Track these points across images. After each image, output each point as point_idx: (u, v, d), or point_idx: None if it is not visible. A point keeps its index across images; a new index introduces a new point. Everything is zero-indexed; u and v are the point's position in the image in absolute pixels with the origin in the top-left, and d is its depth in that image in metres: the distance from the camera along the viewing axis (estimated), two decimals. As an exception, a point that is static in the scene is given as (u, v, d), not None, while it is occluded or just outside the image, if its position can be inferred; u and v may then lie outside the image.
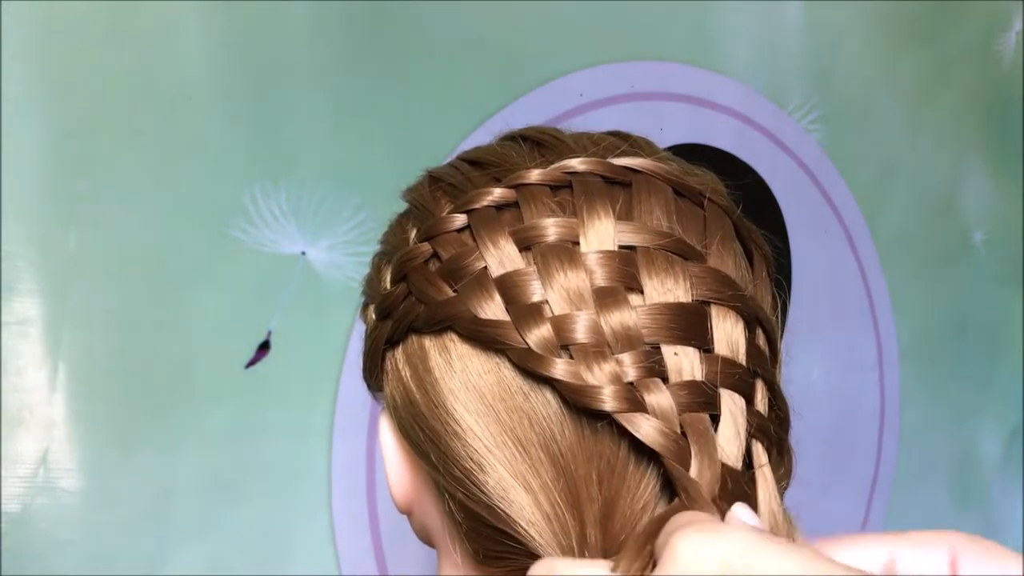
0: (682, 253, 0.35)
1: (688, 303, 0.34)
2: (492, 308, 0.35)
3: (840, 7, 1.18)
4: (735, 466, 0.33)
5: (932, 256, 1.31)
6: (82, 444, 0.74)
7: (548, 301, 0.34)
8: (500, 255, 0.36)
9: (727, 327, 0.35)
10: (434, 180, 0.41)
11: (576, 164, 0.37)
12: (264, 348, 0.82)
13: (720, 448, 0.33)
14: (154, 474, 0.77)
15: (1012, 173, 1.38)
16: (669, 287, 0.35)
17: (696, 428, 0.33)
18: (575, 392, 0.33)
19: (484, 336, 0.35)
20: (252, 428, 0.82)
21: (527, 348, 0.34)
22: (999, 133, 1.35)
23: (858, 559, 0.30)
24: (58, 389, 0.73)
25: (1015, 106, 1.36)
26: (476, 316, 0.35)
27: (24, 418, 0.73)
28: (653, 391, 0.33)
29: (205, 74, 0.78)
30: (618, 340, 0.34)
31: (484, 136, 0.52)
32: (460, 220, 0.37)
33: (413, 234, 0.40)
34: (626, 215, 0.36)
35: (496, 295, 0.35)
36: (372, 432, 0.88)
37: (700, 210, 0.38)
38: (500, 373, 0.35)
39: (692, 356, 0.34)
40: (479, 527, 0.37)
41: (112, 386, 0.76)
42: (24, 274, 0.72)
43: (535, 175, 0.37)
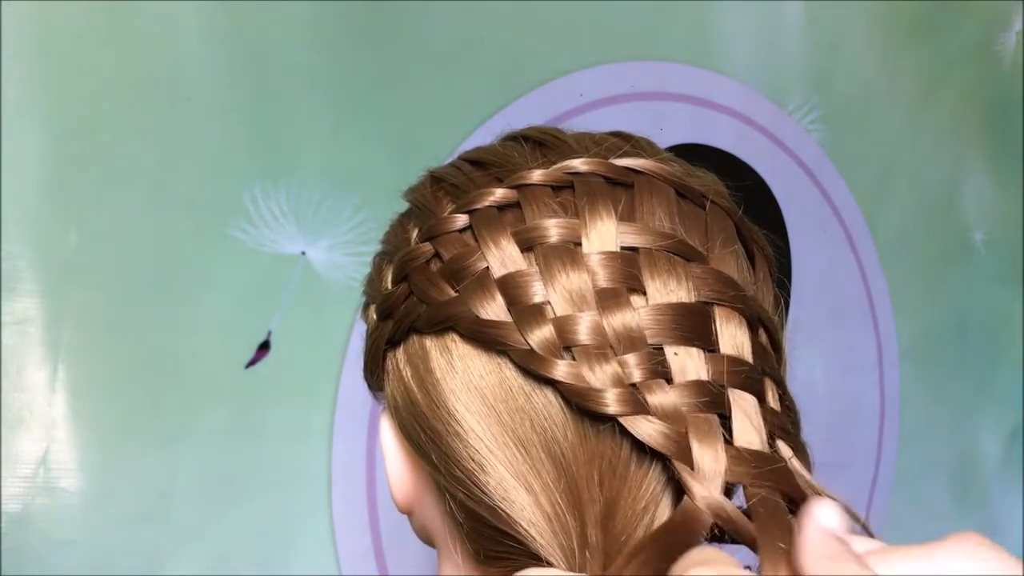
0: (684, 254, 0.35)
1: (691, 303, 0.34)
2: (494, 309, 0.35)
3: (840, 7, 1.18)
4: (756, 459, 0.32)
5: (932, 256, 1.31)
6: (82, 444, 0.74)
7: (550, 302, 0.34)
8: (502, 255, 0.35)
9: (731, 327, 0.35)
10: (436, 180, 0.41)
11: (578, 165, 0.37)
12: (264, 348, 0.82)
13: (740, 446, 0.33)
14: (154, 474, 0.77)
15: (1012, 173, 1.38)
16: (671, 288, 0.34)
17: (702, 429, 0.33)
18: (577, 394, 0.33)
19: (486, 337, 0.35)
20: (252, 428, 0.82)
21: (529, 349, 0.34)
22: (999, 133, 1.36)
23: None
24: (58, 389, 0.73)
25: (1015, 106, 1.36)
26: (478, 317, 0.35)
27: (24, 418, 0.73)
28: (656, 392, 0.33)
29: (205, 74, 0.78)
30: (621, 341, 0.33)
31: (485, 136, 0.52)
32: (462, 220, 0.37)
33: (415, 234, 0.40)
34: (628, 216, 0.36)
35: (498, 296, 0.35)
36: (372, 432, 0.88)
37: (702, 211, 0.38)
38: (501, 374, 0.35)
39: (696, 356, 0.34)
40: (480, 527, 0.37)
41: (112, 386, 0.76)
42: (24, 274, 0.72)
43: (537, 175, 0.37)
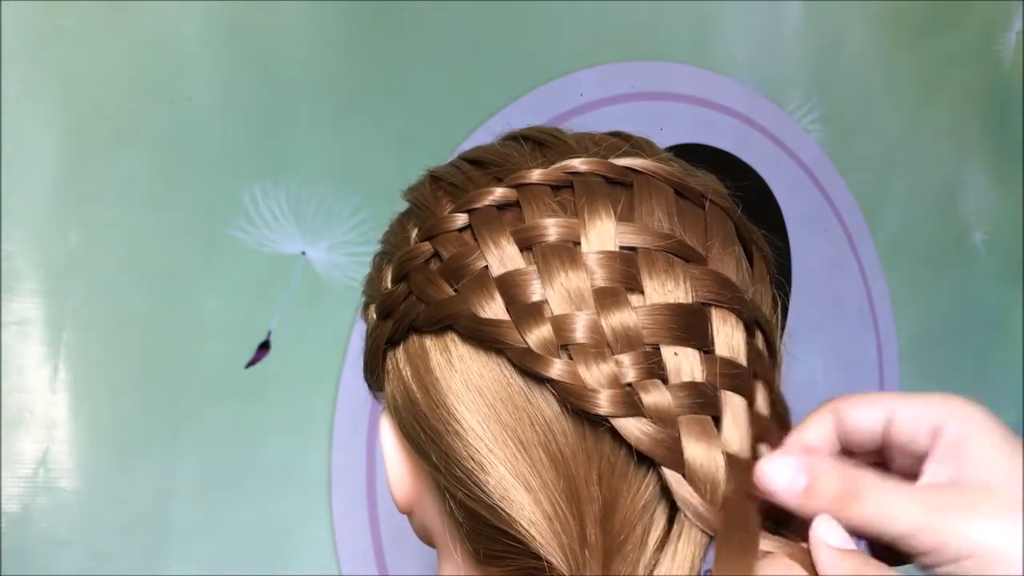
0: (683, 255, 0.35)
1: (689, 304, 0.34)
2: (493, 307, 0.35)
3: (840, 7, 1.18)
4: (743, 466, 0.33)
5: (932, 256, 1.31)
6: (82, 444, 0.74)
7: (548, 301, 0.34)
8: (501, 255, 0.35)
9: (727, 329, 0.35)
10: (435, 179, 0.41)
11: (578, 164, 0.37)
12: (264, 348, 0.82)
13: (725, 449, 0.33)
14: (154, 474, 0.77)
15: (1012, 173, 1.38)
16: (670, 288, 0.35)
17: (695, 430, 0.33)
18: (572, 393, 0.33)
19: (484, 336, 0.35)
20: (252, 428, 0.82)
21: (527, 348, 0.34)
22: (999, 133, 1.35)
23: (867, 417, 0.34)
24: (58, 389, 0.73)
25: (1015, 106, 1.36)
26: (477, 315, 0.35)
27: (24, 418, 0.73)
28: (652, 392, 0.33)
29: (205, 74, 0.78)
30: (618, 340, 0.33)
31: (485, 136, 0.52)
32: (461, 220, 0.37)
33: (414, 233, 0.40)
34: (627, 216, 0.36)
35: (497, 295, 0.35)
36: (372, 432, 0.88)
37: (701, 211, 0.38)
38: (501, 373, 0.35)
39: (692, 357, 0.34)
40: (480, 527, 0.37)
41: (112, 386, 0.76)
42: (24, 274, 0.72)
43: (536, 175, 0.37)
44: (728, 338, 0.35)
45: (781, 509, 0.33)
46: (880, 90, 1.23)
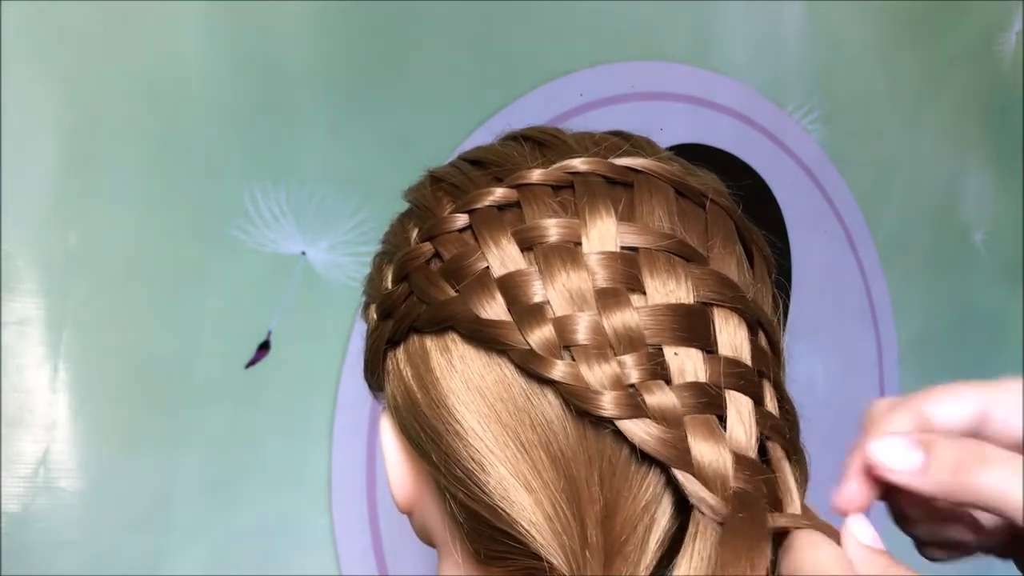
0: (684, 255, 0.35)
1: (691, 304, 0.34)
2: (494, 308, 0.35)
3: (840, 7, 1.18)
4: (751, 464, 0.33)
5: (932, 256, 1.31)
6: (82, 444, 0.74)
7: (550, 302, 0.34)
8: (502, 255, 0.35)
9: (730, 329, 0.35)
10: (435, 180, 0.41)
11: (578, 164, 0.37)
12: (264, 348, 0.82)
13: (733, 449, 0.33)
14: (154, 474, 0.77)
15: (1012, 173, 1.38)
16: (671, 288, 0.34)
17: (702, 430, 0.33)
18: (575, 395, 0.33)
19: (486, 336, 0.35)
20: (252, 428, 0.82)
21: (529, 349, 0.34)
22: (999, 133, 1.35)
23: (955, 413, 0.32)
24: (58, 389, 0.73)
25: (1015, 106, 1.36)
26: (478, 316, 0.35)
27: (24, 418, 0.73)
28: (655, 393, 0.33)
29: (205, 74, 0.78)
30: (620, 341, 0.33)
31: (484, 136, 0.52)
32: (462, 220, 0.37)
33: (415, 234, 0.40)
34: (628, 216, 0.36)
35: (498, 295, 0.35)
36: (372, 432, 0.88)
37: (702, 211, 0.38)
38: (501, 373, 0.35)
39: (695, 357, 0.34)
40: (480, 527, 0.37)
41: (112, 386, 0.76)
42: (24, 274, 0.72)
43: (537, 175, 0.37)
44: (731, 337, 0.35)
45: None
46: (880, 90, 1.23)
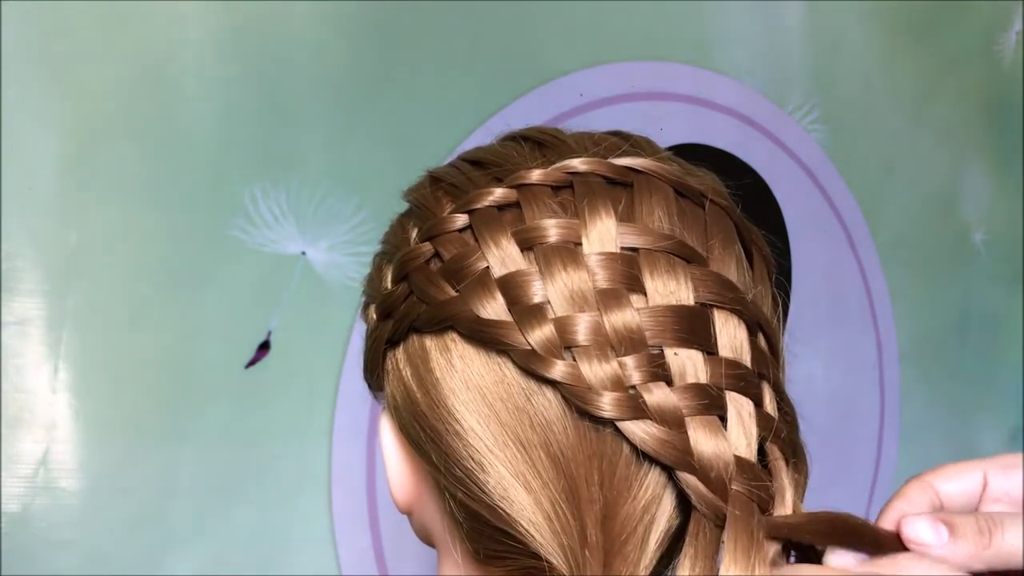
0: (684, 256, 0.35)
1: (691, 305, 0.34)
2: (494, 308, 0.35)
3: (840, 7, 1.18)
4: (751, 467, 0.33)
5: (932, 256, 1.31)
6: (82, 444, 0.74)
7: (550, 302, 0.34)
8: (502, 255, 0.35)
9: (730, 330, 0.35)
10: (435, 180, 0.41)
11: (577, 164, 0.37)
12: (264, 348, 0.82)
13: (733, 451, 0.33)
14: (154, 474, 0.77)
15: (1012, 173, 1.38)
16: (671, 289, 0.34)
17: (704, 430, 0.33)
18: (575, 395, 0.33)
19: (486, 336, 0.35)
20: (252, 428, 0.82)
21: (530, 349, 0.34)
22: (999, 133, 1.35)
23: (961, 488, 0.36)
24: (58, 389, 0.73)
25: (1015, 106, 1.36)
26: (478, 316, 0.35)
27: (24, 418, 0.73)
28: (656, 394, 0.33)
29: (205, 74, 0.78)
30: (621, 342, 0.33)
31: (484, 136, 0.52)
32: (461, 220, 0.37)
33: (414, 234, 0.40)
34: (628, 216, 0.36)
35: (498, 295, 0.35)
36: (372, 432, 0.88)
37: (701, 211, 0.38)
38: (501, 373, 0.35)
39: (696, 358, 0.34)
40: (480, 527, 0.37)
41: (112, 386, 0.76)
42: (24, 274, 0.72)
43: (536, 175, 0.37)
44: (731, 339, 0.35)
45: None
46: (880, 90, 1.23)
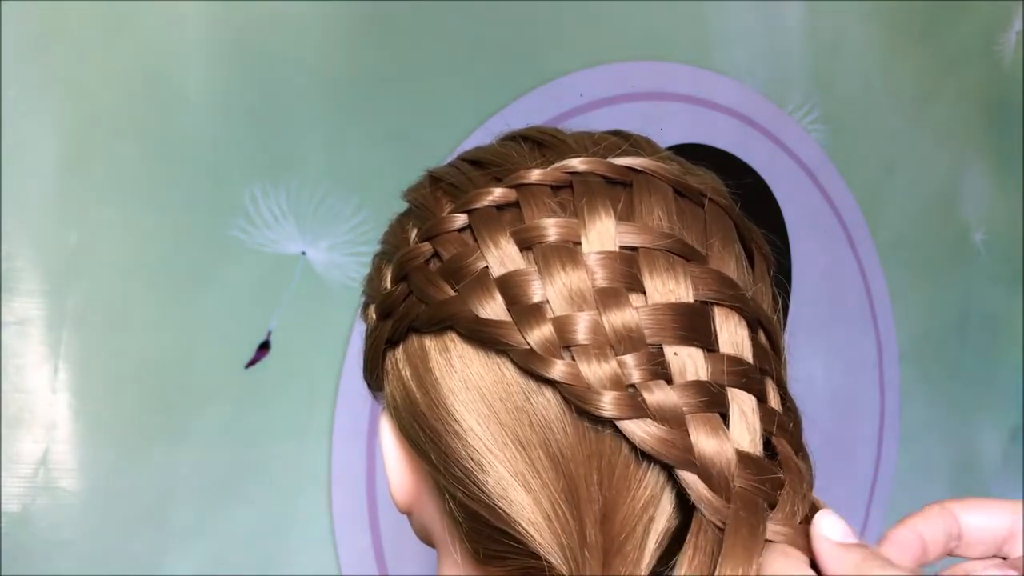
0: (683, 254, 0.35)
1: (691, 303, 0.34)
2: (493, 308, 0.35)
3: (840, 7, 1.18)
4: (756, 462, 0.33)
5: (932, 256, 1.31)
6: (82, 444, 0.74)
7: (549, 301, 0.34)
8: (501, 255, 0.35)
9: (730, 327, 0.35)
10: (435, 180, 0.41)
11: (577, 164, 0.37)
12: (264, 348, 0.82)
13: (737, 447, 0.33)
14: (154, 474, 0.77)
15: (1012, 173, 1.38)
16: (671, 288, 0.34)
17: (705, 428, 0.33)
18: (575, 395, 0.33)
19: (485, 336, 0.35)
20: (252, 428, 0.82)
21: (529, 349, 0.34)
22: (999, 133, 1.35)
23: (986, 524, 0.33)
24: (58, 389, 0.73)
25: (1015, 106, 1.36)
26: (477, 316, 0.35)
27: (24, 418, 0.73)
28: (656, 393, 0.33)
29: (205, 74, 0.78)
30: (620, 341, 0.33)
31: (484, 136, 0.52)
32: (461, 220, 0.37)
33: (414, 234, 0.40)
34: (627, 215, 0.36)
35: (497, 295, 0.35)
36: (372, 432, 0.88)
37: (701, 210, 0.38)
38: (501, 373, 0.35)
39: (696, 356, 0.34)
40: (479, 527, 0.37)
41: (112, 386, 0.76)
42: (24, 274, 0.72)
43: (536, 175, 0.37)
44: (732, 336, 0.35)
45: None
46: (880, 90, 1.23)
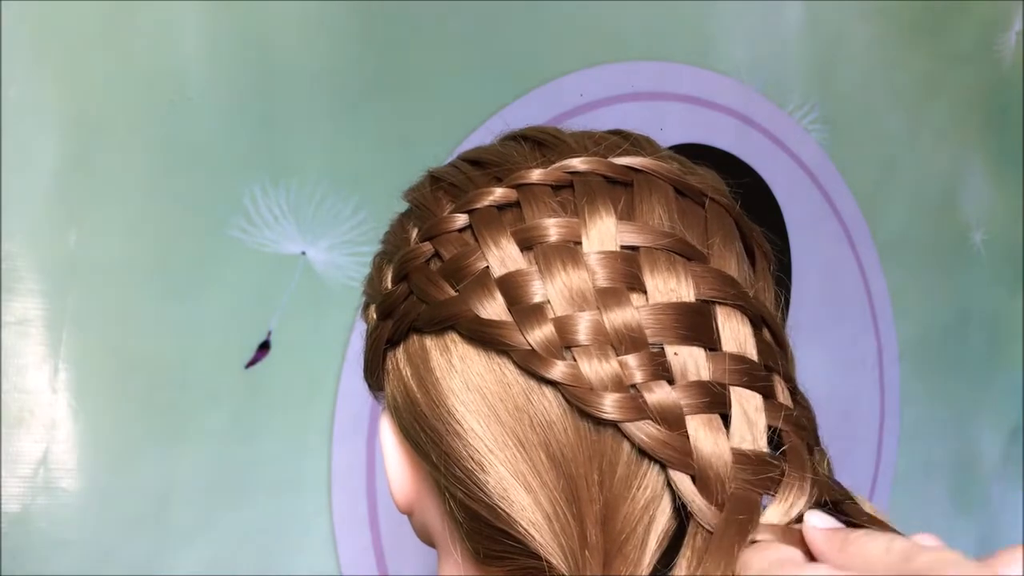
0: (684, 253, 0.35)
1: (692, 303, 0.34)
2: (494, 308, 0.35)
3: (840, 7, 1.18)
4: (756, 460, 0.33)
5: (932, 256, 1.31)
6: (82, 444, 0.74)
7: (550, 301, 0.34)
8: (502, 255, 0.35)
9: (733, 326, 0.35)
10: (435, 180, 0.41)
11: (577, 164, 0.37)
12: (264, 348, 0.82)
13: (734, 446, 0.33)
14: (154, 474, 0.77)
15: (1012, 173, 1.38)
16: (672, 287, 0.34)
17: (703, 430, 0.33)
18: (576, 396, 0.33)
19: (486, 336, 0.35)
20: (252, 428, 0.82)
21: (530, 349, 0.34)
22: (999, 133, 1.35)
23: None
24: (58, 389, 0.73)
25: (1015, 106, 1.36)
26: (478, 316, 0.35)
27: (24, 418, 0.73)
28: (657, 393, 0.33)
29: (205, 74, 0.78)
30: (622, 341, 0.33)
31: (484, 136, 0.52)
32: (461, 220, 0.37)
33: (414, 234, 0.40)
34: (628, 215, 0.36)
35: (498, 295, 0.35)
36: (372, 432, 0.88)
37: (701, 209, 0.38)
38: (501, 373, 0.35)
39: (698, 356, 0.34)
40: (480, 527, 0.37)
41: (112, 386, 0.76)
42: (24, 274, 0.72)
43: (536, 175, 0.37)
44: (734, 334, 0.35)
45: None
46: (880, 90, 1.23)
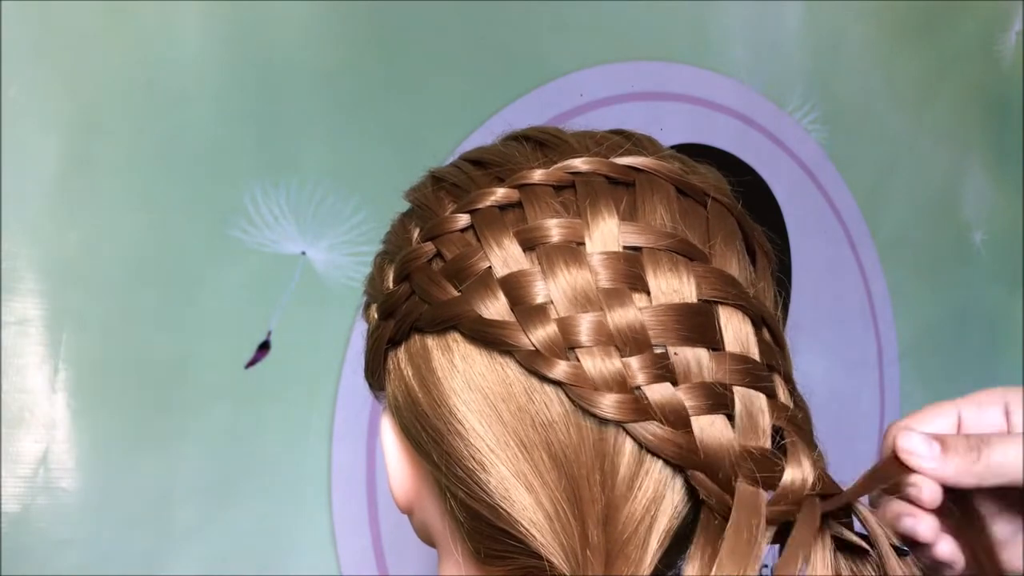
0: (687, 253, 0.35)
1: (695, 303, 0.34)
2: (497, 308, 0.35)
3: (840, 7, 1.18)
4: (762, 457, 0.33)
5: (932, 256, 1.31)
6: (82, 444, 0.74)
7: (553, 302, 0.34)
8: (504, 255, 0.35)
9: (735, 326, 0.35)
10: (437, 180, 0.41)
11: (579, 164, 0.37)
12: (264, 348, 0.82)
13: (740, 446, 0.33)
14: (154, 474, 0.77)
15: (1012, 173, 1.38)
16: (675, 288, 0.34)
17: (709, 430, 0.33)
18: (579, 396, 0.33)
19: (489, 336, 0.35)
20: (252, 428, 0.82)
21: (533, 349, 0.34)
22: (999, 133, 1.35)
23: (939, 427, 0.39)
24: (58, 389, 0.73)
25: (1015, 106, 1.36)
26: (480, 316, 0.35)
27: (24, 418, 0.72)
28: (660, 394, 0.33)
29: (205, 74, 0.78)
30: (625, 341, 0.33)
31: (484, 136, 0.52)
32: (463, 220, 0.37)
33: (416, 234, 0.40)
34: (630, 215, 0.36)
35: (501, 295, 0.35)
36: (372, 432, 0.88)
37: (703, 209, 0.38)
38: (503, 373, 0.35)
39: (701, 356, 0.34)
40: (480, 526, 0.37)
41: (112, 386, 0.76)
42: (24, 274, 0.72)
43: (538, 175, 0.37)
44: (737, 334, 0.35)
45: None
46: (880, 90, 1.23)
